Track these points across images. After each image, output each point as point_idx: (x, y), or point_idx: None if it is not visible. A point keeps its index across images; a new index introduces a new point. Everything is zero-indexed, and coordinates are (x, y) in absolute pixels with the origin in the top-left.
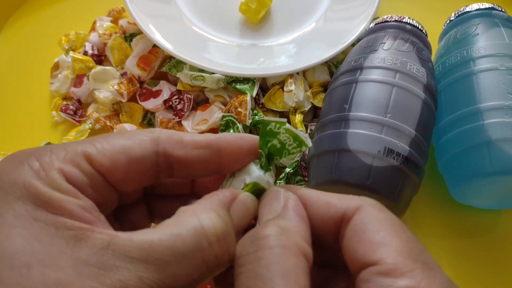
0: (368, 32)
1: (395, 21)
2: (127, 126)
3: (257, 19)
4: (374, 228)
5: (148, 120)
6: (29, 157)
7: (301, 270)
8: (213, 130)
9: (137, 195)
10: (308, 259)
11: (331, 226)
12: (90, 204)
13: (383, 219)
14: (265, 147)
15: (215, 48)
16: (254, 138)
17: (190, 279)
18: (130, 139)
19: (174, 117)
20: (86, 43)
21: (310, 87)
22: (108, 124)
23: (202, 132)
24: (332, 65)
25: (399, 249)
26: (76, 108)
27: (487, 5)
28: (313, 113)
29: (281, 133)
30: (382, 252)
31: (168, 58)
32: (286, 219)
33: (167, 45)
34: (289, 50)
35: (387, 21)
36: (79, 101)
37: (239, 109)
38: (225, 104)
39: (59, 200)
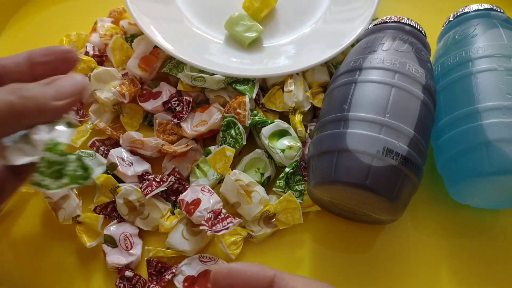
0: (367, 33)
1: (394, 22)
2: (134, 134)
3: (258, 18)
4: None
5: (149, 121)
6: None
7: None
8: (212, 131)
9: None
10: None
11: None
12: None
13: None
14: None
15: (215, 49)
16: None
17: None
18: None
19: (172, 119)
20: (87, 44)
21: (310, 87)
22: (115, 134)
23: (202, 133)
24: (331, 65)
25: None
26: (77, 108)
27: (486, 6)
28: (313, 113)
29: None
30: None
31: (169, 58)
32: None
33: (168, 46)
34: (289, 51)
35: (386, 22)
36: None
37: (238, 110)
38: (225, 105)
39: None
